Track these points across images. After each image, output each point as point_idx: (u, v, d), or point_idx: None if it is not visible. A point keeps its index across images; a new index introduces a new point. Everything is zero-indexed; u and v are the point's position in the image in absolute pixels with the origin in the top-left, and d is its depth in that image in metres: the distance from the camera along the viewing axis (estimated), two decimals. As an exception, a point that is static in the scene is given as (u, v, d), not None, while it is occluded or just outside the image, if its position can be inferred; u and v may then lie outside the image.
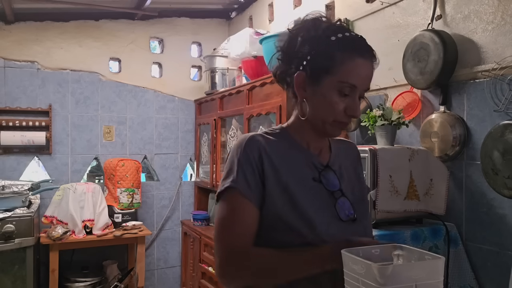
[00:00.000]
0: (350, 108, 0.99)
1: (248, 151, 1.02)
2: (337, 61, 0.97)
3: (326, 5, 2.65)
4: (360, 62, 0.98)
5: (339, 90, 0.98)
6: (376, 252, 0.87)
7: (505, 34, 1.64)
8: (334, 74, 0.97)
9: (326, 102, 0.99)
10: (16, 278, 2.67)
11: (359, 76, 0.98)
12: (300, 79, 1.02)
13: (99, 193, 3.13)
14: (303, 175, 1.04)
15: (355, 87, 0.98)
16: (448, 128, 1.79)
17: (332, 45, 0.97)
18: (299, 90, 1.03)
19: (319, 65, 0.98)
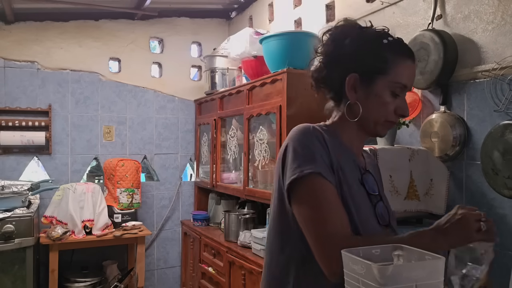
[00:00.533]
0: (401, 108, 1.03)
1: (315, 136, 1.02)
2: (390, 62, 1.01)
3: (326, 5, 2.65)
4: (409, 63, 1.04)
5: (391, 91, 1.02)
6: (376, 252, 0.86)
7: (505, 34, 1.64)
8: (387, 74, 1.01)
9: (380, 102, 1.02)
10: (16, 278, 2.67)
11: (408, 77, 1.04)
12: (352, 81, 1.04)
13: (99, 193, 3.13)
14: (353, 175, 1.05)
15: (405, 87, 1.03)
16: (448, 128, 1.79)
17: (385, 47, 1.03)
18: (350, 91, 1.04)
19: (373, 66, 1.02)
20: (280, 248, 1.06)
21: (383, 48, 1.02)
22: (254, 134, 2.68)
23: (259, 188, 2.62)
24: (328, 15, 2.65)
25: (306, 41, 2.46)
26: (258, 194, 2.58)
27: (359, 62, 1.03)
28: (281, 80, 2.34)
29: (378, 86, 1.02)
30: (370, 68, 1.02)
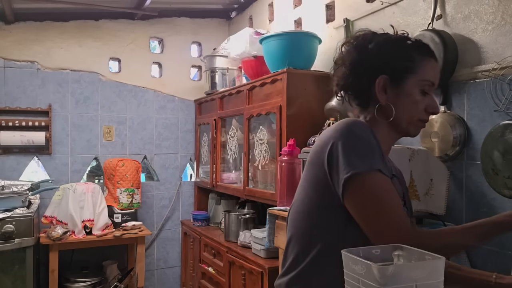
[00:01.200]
0: (431, 105, 1.06)
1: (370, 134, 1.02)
2: (417, 61, 1.05)
3: (326, 5, 2.65)
4: (433, 62, 1.07)
5: (421, 89, 1.05)
6: (376, 252, 0.86)
7: (505, 34, 1.64)
8: (416, 73, 1.04)
9: (411, 101, 1.05)
10: (16, 278, 2.67)
11: (435, 74, 1.07)
12: (382, 82, 1.06)
13: (99, 193, 3.13)
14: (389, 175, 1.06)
15: (433, 85, 1.06)
16: (448, 128, 1.79)
17: (410, 47, 1.07)
18: (381, 93, 1.07)
19: (402, 65, 1.05)
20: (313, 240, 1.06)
21: (409, 48, 1.06)
22: (254, 134, 2.68)
23: (259, 188, 2.62)
24: (328, 15, 2.65)
25: (306, 41, 2.46)
26: (258, 194, 2.58)
27: (387, 63, 1.06)
28: (281, 80, 2.34)
29: (408, 85, 1.05)
30: (399, 68, 1.05)
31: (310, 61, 2.49)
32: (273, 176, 2.44)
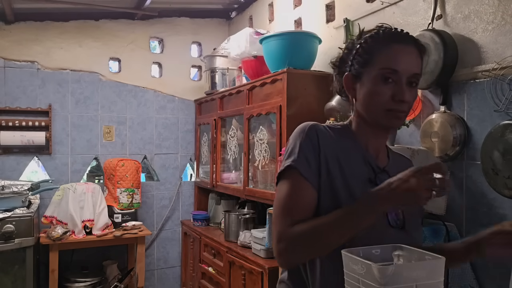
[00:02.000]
0: (397, 93, 1.00)
1: (310, 135, 1.04)
2: (374, 52, 1.02)
3: (326, 5, 2.65)
4: (397, 47, 1.01)
5: (382, 78, 1.00)
6: (376, 252, 0.86)
7: (505, 34, 1.64)
8: (373, 64, 1.02)
9: (372, 92, 1.02)
10: (16, 278, 2.67)
11: (398, 60, 1.00)
12: (347, 80, 1.08)
13: (99, 193, 3.13)
14: (360, 173, 1.05)
15: (396, 72, 1.00)
16: (449, 128, 1.79)
17: (369, 40, 1.04)
18: (349, 91, 1.08)
19: (360, 61, 1.04)
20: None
21: (365, 42, 1.04)
22: (254, 134, 2.68)
23: (259, 188, 2.62)
24: (328, 15, 2.65)
25: (306, 41, 2.46)
26: (258, 194, 2.58)
27: (348, 62, 1.08)
28: (281, 80, 2.34)
29: (367, 78, 1.03)
30: (357, 64, 1.05)
31: (310, 61, 2.50)
32: (273, 176, 2.44)
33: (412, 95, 1.02)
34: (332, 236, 0.93)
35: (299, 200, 1.00)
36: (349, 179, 1.02)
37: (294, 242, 0.96)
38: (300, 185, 1.01)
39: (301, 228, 0.96)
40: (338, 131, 1.09)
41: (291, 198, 1.01)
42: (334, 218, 0.94)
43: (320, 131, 1.06)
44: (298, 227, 0.96)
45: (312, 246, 0.96)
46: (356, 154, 1.07)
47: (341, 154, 1.04)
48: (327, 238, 0.94)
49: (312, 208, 1.00)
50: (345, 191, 1.01)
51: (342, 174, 1.02)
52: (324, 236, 0.94)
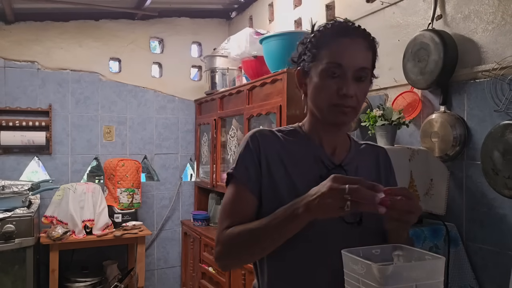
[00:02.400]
0: (341, 87, 0.98)
1: (251, 143, 1.05)
2: (321, 47, 1.01)
3: (326, 5, 2.65)
4: (343, 41, 0.99)
5: (327, 73, 0.99)
6: (376, 252, 0.86)
7: (505, 34, 1.64)
8: (319, 59, 1.01)
9: (318, 86, 1.01)
10: (16, 278, 2.67)
11: (343, 54, 0.98)
12: (298, 75, 1.08)
13: (99, 193, 3.13)
14: (310, 172, 1.04)
15: (341, 66, 0.98)
16: (448, 128, 1.79)
17: (317, 34, 1.04)
18: (301, 86, 1.08)
19: (308, 56, 1.04)
20: None
21: (314, 36, 1.04)
22: (254, 134, 2.68)
23: (259, 188, 2.62)
24: (328, 15, 2.65)
25: (306, 41, 2.46)
26: (258, 194, 2.58)
27: (300, 58, 1.08)
28: (281, 80, 2.34)
29: (314, 73, 1.02)
30: (305, 59, 1.04)
31: (310, 61, 2.49)
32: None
33: (360, 89, 1.00)
34: (263, 240, 0.95)
35: (237, 206, 1.03)
36: (296, 180, 1.02)
37: (228, 245, 0.99)
38: (239, 192, 1.03)
39: (234, 231, 0.98)
40: (288, 133, 1.10)
41: (230, 204, 1.04)
42: (264, 223, 0.95)
43: (262, 137, 1.06)
44: (233, 231, 0.99)
45: (244, 249, 0.98)
46: (306, 153, 1.06)
47: (286, 156, 1.05)
48: (258, 242, 0.95)
49: (250, 214, 1.02)
50: (290, 192, 1.00)
51: (287, 175, 1.02)
52: (256, 239, 0.95)
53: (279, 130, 1.11)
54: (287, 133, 1.10)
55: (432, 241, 1.72)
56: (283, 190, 1.01)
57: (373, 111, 1.98)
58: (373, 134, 1.97)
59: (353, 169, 1.08)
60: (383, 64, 2.21)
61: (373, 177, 1.11)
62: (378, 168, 1.14)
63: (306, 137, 1.09)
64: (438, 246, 1.72)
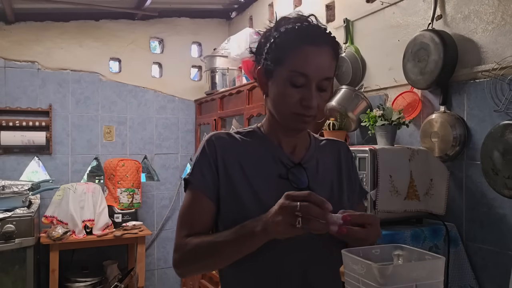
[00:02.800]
0: (305, 98, 0.95)
1: (207, 147, 1.04)
2: (286, 50, 0.95)
3: (326, 5, 2.65)
4: (310, 50, 0.94)
5: (291, 81, 0.95)
6: (376, 252, 0.87)
7: (505, 34, 1.64)
8: (284, 64, 0.95)
9: (280, 94, 0.97)
10: (17, 278, 2.67)
11: (309, 64, 0.94)
12: (260, 75, 1.03)
13: (99, 193, 3.13)
14: (268, 172, 1.03)
15: (306, 76, 0.94)
16: (448, 128, 1.79)
17: (283, 35, 0.97)
18: (262, 86, 1.04)
19: (271, 57, 0.98)
20: None
21: (281, 37, 0.97)
22: (254, 134, 2.68)
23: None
24: (328, 15, 2.65)
25: (306, 41, 2.45)
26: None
27: (261, 55, 1.02)
28: (281, 80, 2.34)
29: (277, 77, 0.97)
30: (269, 59, 0.98)
31: (310, 61, 2.49)
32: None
33: (322, 98, 0.98)
34: (220, 254, 0.94)
35: (194, 212, 1.02)
36: (253, 181, 1.01)
37: (186, 254, 0.98)
38: (196, 198, 1.02)
39: (194, 242, 0.97)
40: (246, 134, 1.08)
41: (187, 210, 1.02)
42: (223, 237, 0.94)
43: (219, 140, 1.04)
44: (192, 240, 0.97)
45: (201, 260, 0.97)
46: (265, 153, 1.05)
47: (244, 158, 1.03)
48: (215, 255, 0.95)
49: (208, 220, 1.02)
50: (249, 194, 1.00)
51: (245, 178, 1.01)
52: (213, 252, 0.95)
53: (237, 132, 1.09)
54: (245, 135, 1.08)
55: (432, 241, 1.72)
56: (242, 193, 1.00)
57: (373, 111, 1.98)
58: (373, 134, 1.97)
59: (313, 166, 1.07)
60: (383, 64, 2.21)
61: (334, 172, 1.11)
62: (340, 163, 1.13)
63: (265, 138, 1.07)
64: (438, 246, 1.72)
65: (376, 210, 1.67)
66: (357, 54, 2.34)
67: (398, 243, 1.06)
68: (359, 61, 2.32)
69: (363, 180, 1.70)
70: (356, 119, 2.19)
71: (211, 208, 1.02)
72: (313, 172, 1.06)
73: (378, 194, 1.66)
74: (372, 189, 1.67)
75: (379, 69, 2.24)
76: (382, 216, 1.69)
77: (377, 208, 1.67)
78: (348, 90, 2.24)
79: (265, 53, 1.00)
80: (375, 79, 2.27)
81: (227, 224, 0.98)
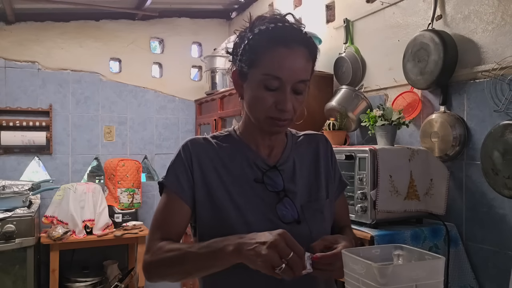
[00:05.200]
0: (279, 102, 0.93)
1: (183, 152, 1.03)
2: (260, 53, 0.93)
3: (326, 5, 2.65)
4: (283, 52, 0.92)
5: (265, 85, 0.93)
6: (376, 252, 0.87)
7: (505, 34, 1.64)
8: (257, 67, 0.94)
9: (255, 97, 0.96)
10: (17, 278, 2.67)
11: (282, 67, 0.92)
12: (235, 77, 1.01)
13: (100, 193, 3.13)
14: (244, 176, 1.02)
15: (280, 79, 0.92)
16: (448, 128, 1.80)
17: (256, 37, 0.94)
18: (237, 88, 1.02)
19: (245, 59, 0.96)
20: None
21: (255, 38, 0.94)
22: (254, 134, 2.68)
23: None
24: (328, 16, 2.65)
25: (306, 41, 2.46)
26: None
27: (235, 57, 1.00)
28: (282, 80, 2.34)
29: (251, 80, 0.95)
30: (243, 61, 0.96)
31: (310, 61, 2.49)
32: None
33: (297, 101, 0.96)
34: (189, 265, 0.92)
35: (169, 215, 1.00)
36: (230, 186, 1.00)
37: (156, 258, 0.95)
38: (170, 201, 1.01)
39: (166, 248, 0.95)
40: (222, 139, 1.07)
41: (162, 212, 1.01)
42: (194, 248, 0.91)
43: (195, 146, 1.04)
44: (165, 246, 0.95)
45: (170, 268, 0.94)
46: (240, 157, 1.04)
47: (220, 163, 1.03)
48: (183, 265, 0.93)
49: (182, 222, 1.01)
50: (226, 198, 0.99)
51: (222, 182, 1.01)
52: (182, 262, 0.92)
53: (213, 137, 1.08)
54: (221, 139, 1.07)
55: (432, 241, 1.72)
56: (218, 197, 0.99)
57: (373, 111, 1.98)
58: (373, 134, 1.98)
59: (289, 167, 1.06)
60: (383, 64, 2.21)
61: (311, 169, 1.09)
62: (318, 156, 1.11)
63: (240, 142, 1.06)
64: (438, 246, 1.72)
65: (376, 210, 1.67)
66: (357, 54, 2.34)
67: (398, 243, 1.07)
68: (359, 61, 2.32)
69: (363, 180, 1.70)
70: (356, 119, 2.19)
71: (186, 211, 1.01)
72: (289, 173, 1.05)
73: (378, 194, 1.66)
74: (372, 189, 1.67)
75: (379, 69, 2.24)
76: (382, 216, 1.69)
77: (377, 208, 1.67)
78: (348, 90, 2.24)
79: (239, 54, 0.98)
80: (375, 79, 2.27)
81: (205, 228, 0.99)
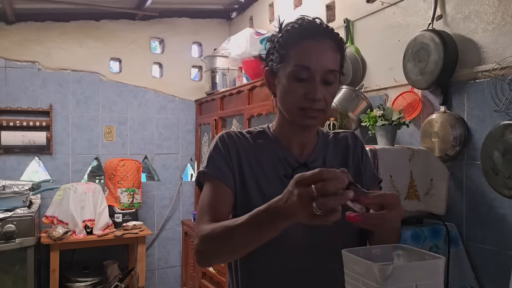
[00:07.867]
0: (310, 92, 0.97)
1: (220, 143, 1.07)
2: (288, 48, 0.99)
3: (327, 5, 2.65)
4: (309, 43, 0.97)
5: (295, 76, 0.98)
6: (377, 252, 0.87)
7: (506, 34, 1.64)
8: (287, 61, 0.99)
9: (286, 89, 1.00)
10: (17, 278, 2.67)
11: (310, 57, 0.97)
12: (267, 76, 1.06)
13: (100, 193, 3.13)
14: (274, 171, 1.05)
15: (309, 69, 0.96)
16: (449, 128, 1.80)
17: (285, 35, 1.01)
18: (270, 87, 1.07)
19: (276, 57, 1.02)
20: None
21: (281, 37, 1.01)
22: (254, 134, 2.68)
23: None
24: (328, 16, 2.65)
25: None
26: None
27: (267, 57, 1.06)
28: (282, 80, 2.34)
29: (283, 75, 1.00)
30: (274, 60, 1.02)
31: (310, 61, 2.49)
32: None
33: (328, 92, 0.99)
34: (239, 240, 0.88)
35: (214, 200, 1.01)
36: (260, 180, 1.04)
37: (206, 240, 0.93)
38: (215, 187, 1.02)
39: (213, 227, 0.93)
40: (256, 134, 1.11)
41: (207, 199, 1.02)
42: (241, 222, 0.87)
43: (230, 138, 1.07)
44: (211, 226, 0.94)
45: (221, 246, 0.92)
46: (272, 153, 1.07)
47: (253, 157, 1.06)
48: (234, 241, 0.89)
49: (227, 206, 1.02)
50: (257, 193, 1.02)
51: (254, 176, 1.04)
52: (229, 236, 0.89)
53: (248, 132, 1.11)
54: (255, 134, 1.11)
55: (432, 241, 1.72)
56: (250, 191, 1.03)
57: (373, 111, 1.98)
58: (373, 134, 1.98)
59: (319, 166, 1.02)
60: (383, 64, 2.21)
61: (340, 165, 1.09)
62: (347, 154, 1.12)
63: (273, 138, 1.09)
64: (438, 246, 1.73)
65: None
66: (357, 54, 2.34)
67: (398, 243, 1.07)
68: (359, 61, 2.32)
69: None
70: (356, 119, 2.19)
71: (230, 195, 1.03)
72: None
73: (378, 194, 1.66)
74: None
75: (379, 69, 2.24)
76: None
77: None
78: (348, 90, 2.24)
79: (270, 54, 1.04)
80: (375, 79, 2.27)
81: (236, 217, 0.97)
